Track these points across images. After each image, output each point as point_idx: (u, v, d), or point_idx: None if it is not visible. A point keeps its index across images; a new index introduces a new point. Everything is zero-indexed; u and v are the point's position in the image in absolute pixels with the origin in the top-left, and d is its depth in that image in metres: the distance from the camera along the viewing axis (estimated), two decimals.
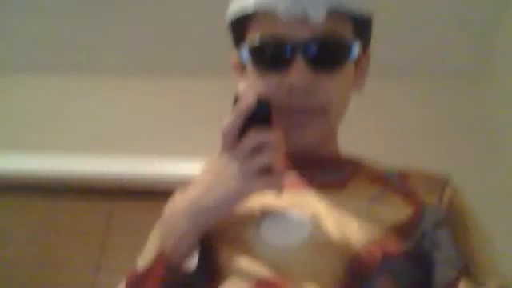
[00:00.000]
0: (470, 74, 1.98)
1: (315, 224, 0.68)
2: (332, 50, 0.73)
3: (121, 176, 1.94)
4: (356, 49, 0.75)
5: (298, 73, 0.71)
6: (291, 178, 0.76)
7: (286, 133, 0.74)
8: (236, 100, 0.65)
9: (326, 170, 0.77)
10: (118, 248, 1.87)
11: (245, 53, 0.76)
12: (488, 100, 1.92)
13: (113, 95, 2.17)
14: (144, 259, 0.75)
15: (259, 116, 0.65)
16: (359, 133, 1.64)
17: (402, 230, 0.68)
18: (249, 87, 0.78)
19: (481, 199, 0.82)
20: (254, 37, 0.75)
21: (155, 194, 1.77)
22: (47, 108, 2.16)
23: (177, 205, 0.68)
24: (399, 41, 1.85)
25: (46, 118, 2.14)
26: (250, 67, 0.77)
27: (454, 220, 0.72)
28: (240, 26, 0.78)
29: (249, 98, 0.64)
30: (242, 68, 0.82)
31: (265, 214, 0.70)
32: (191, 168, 1.77)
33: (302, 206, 0.71)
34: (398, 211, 0.70)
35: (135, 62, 2.14)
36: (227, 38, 0.84)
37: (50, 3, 1.92)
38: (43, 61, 2.17)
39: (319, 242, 0.66)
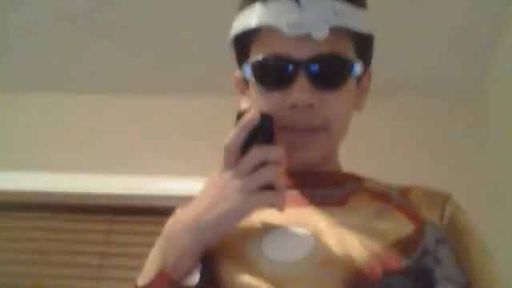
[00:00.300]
0: (465, 93, 1.99)
1: (316, 240, 0.68)
2: (334, 68, 0.74)
3: (120, 194, 1.95)
4: (358, 67, 0.76)
5: (301, 90, 0.72)
6: (292, 195, 0.75)
7: (288, 151, 0.75)
8: (239, 117, 0.66)
9: (326, 187, 0.77)
10: (117, 265, 1.87)
11: (248, 70, 0.77)
12: (484, 118, 1.94)
13: (112, 114, 2.18)
14: (145, 276, 0.74)
15: (261, 132, 0.65)
16: (355, 150, 1.65)
17: (404, 246, 0.68)
18: (251, 105, 0.78)
19: (478, 220, 0.83)
20: (256, 54, 0.76)
21: (154, 211, 1.78)
22: (46, 127, 2.17)
23: (179, 221, 0.68)
24: (395, 60, 1.87)
25: (45, 137, 2.14)
26: (252, 84, 0.78)
27: (455, 237, 0.72)
28: (243, 44, 0.79)
29: (252, 114, 0.65)
30: (244, 85, 0.83)
31: (266, 230, 0.70)
32: (189, 186, 1.74)
33: (303, 223, 0.71)
34: (399, 227, 0.70)
35: (136, 81, 2.15)
36: (227, 56, 0.85)
37: (48, 23, 1.93)
38: (43, 80, 2.18)
39: (320, 258, 0.66)
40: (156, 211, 1.73)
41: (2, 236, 1.98)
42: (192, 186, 0.85)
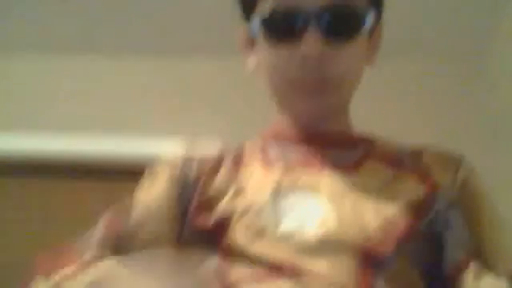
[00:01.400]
0: (473, 51, 1.96)
1: (331, 207, 0.67)
2: (345, 20, 0.72)
3: (120, 156, 1.92)
4: (370, 18, 0.73)
5: (311, 43, 0.69)
6: (304, 154, 0.75)
7: (298, 104, 0.73)
8: None
9: (338, 149, 0.76)
10: None
11: (255, 24, 0.74)
12: (491, 79, 1.91)
13: (113, 74, 2.12)
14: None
15: None
16: (361, 109, 1.63)
17: (417, 209, 0.68)
18: (258, 62, 0.77)
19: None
20: (265, 7, 0.73)
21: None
22: (40, 87, 2.11)
23: None
24: (401, 18, 1.83)
25: (41, 98, 2.09)
26: (260, 40, 0.75)
27: (467, 201, 0.71)
28: None
29: None
30: (250, 42, 0.80)
31: (281, 194, 0.69)
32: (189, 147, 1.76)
33: (316, 188, 0.70)
34: (412, 191, 0.70)
35: (129, 42, 2.09)
36: (221, 17, 0.81)
37: None
38: (33, 39, 2.11)
39: (335, 225, 0.66)
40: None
41: None
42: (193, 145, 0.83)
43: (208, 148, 0.80)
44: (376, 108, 1.83)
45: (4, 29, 2.09)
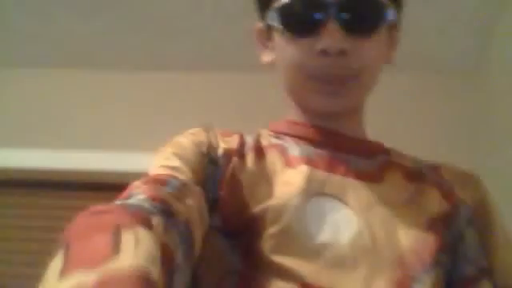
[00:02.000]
0: (467, 68, 1.98)
1: (362, 222, 0.65)
2: (367, 13, 0.69)
3: (123, 172, 1.87)
4: (390, 14, 0.71)
5: (331, 36, 0.67)
6: (326, 156, 0.71)
7: (316, 100, 0.71)
8: None
9: (357, 155, 0.73)
10: None
11: (272, 17, 0.72)
12: (485, 94, 1.93)
13: (116, 90, 2.12)
14: None
15: None
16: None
17: (443, 224, 0.68)
18: (275, 57, 0.74)
19: None
20: (282, 0, 0.70)
21: None
22: (44, 105, 2.10)
23: None
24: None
25: (45, 115, 2.08)
26: (277, 32, 0.73)
27: (482, 220, 0.72)
28: None
29: None
30: (266, 36, 0.77)
31: (309, 198, 0.65)
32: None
33: (343, 196, 0.67)
34: (436, 206, 0.70)
35: (127, 57, 2.08)
36: (215, 32, 0.78)
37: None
38: (25, 55, 2.10)
39: (367, 242, 0.63)
40: None
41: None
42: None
43: (227, 132, 0.74)
44: (377, 122, 1.82)
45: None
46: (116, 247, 0.43)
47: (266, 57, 0.78)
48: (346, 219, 0.64)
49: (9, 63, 2.13)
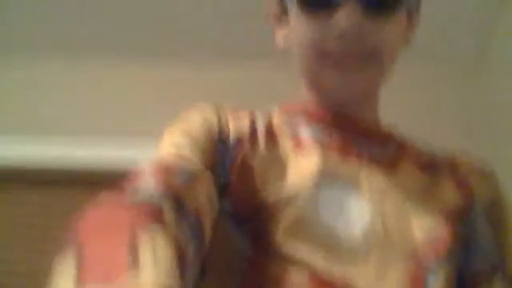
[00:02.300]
0: (470, 59, 1.97)
1: (375, 211, 0.63)
2: None
3: (122, 162, 1.78)
4: None
5: (350, 16, 0.64)
6: (339, 139, 0.69)
7: (333, 77, 0.68)
8: None
9: (371, 141, 0.71)
10: None
11: None
12: (488, 86, 1.91)
13: (113, 79, 2.07)
14: None
15: None
16: None
17: (458, 216, 0.67)
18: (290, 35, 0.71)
19: None
20: None
21: None
22: (33, 93, 2.05)
23: None
24: None
25: (34, 103, 2.03)
26: (294, 11, 0.70)
27: (496, 216, 0.71)
28: None
29: None
30: (281, 17, 0.74)
31: (322, 183, 0.63)
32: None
33: (356, 182, 0.65)
34: (450, 199, 0.69)
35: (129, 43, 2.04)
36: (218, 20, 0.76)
37: None
38: (25, 41, 2.05)
39: (380, 233, 0.62)
40: None
41: None
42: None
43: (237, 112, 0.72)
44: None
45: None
46: (134, 258, 0.42)
47: (281, 36, 0.75)
48: (359, 208, 0.63)
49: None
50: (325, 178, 0.64)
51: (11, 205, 1.90)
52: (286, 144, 0.68)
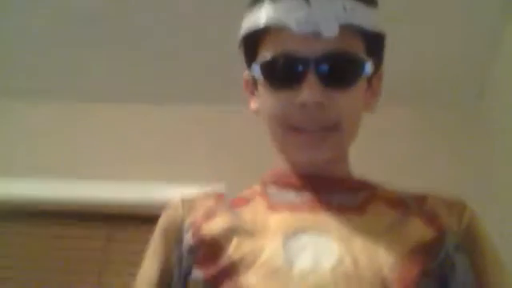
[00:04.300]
0: (468, 101, 1.99)
1: (342, 248, 0.67)
2: (344, 67, 0.72)
3: (119, 201, 1.93)
4: (368, 67, 0.74)
5: (310, 89, 0.69)
6: (308, 198, 0.74)
7: (297, 152, 0.73)
8: None
9: (341, 193, 0.75)
10: (117, 272, 1.85)
11: (256, 70, 0.75)
12: (487, 126, 1.94)
13: (111, 122, 2.16)
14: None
15: None
16: (360, 157, 1.63)
17: (427, 252, 0.69)
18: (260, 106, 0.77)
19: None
20: (265, 53, 0.74)
21: (153, 219, 1.73)
22: (47, 135, 2.15)
23: None
24: (400, 69, 1.85)
25: (45, 145, 2.12)
26: (261, 84, 0.76)
27: (471, 245, 0.72)
28: (252, 43, 0.77)
29: None
30: (253, 86, 0.81)
31: (287, 236, 0.68)
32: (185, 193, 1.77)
33: (325, 229, 0.69)
34: (420, 233, 0.70)
35: (136, 90, 2.13)
36: (227, 66, 0.82)
37: (51, 30, 1.91)
38: (45, 87, 2.16)
39: (349, 268, 0.65)
40: (155, 218, 1.71)
41: (2, 242, 1.96)
42: (189, 193, 0.83)
43: (203, 196, 0.80)
44: (373, 155, 1.84)
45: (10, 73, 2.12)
46: None
47: (253, 104, 0.81)
48: (327, 247, 0.67)
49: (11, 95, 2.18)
50: (293, 231, 0.68)
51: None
52: (257, 209, 0.74)
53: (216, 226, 0.72)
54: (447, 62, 1.89)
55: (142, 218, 1.87)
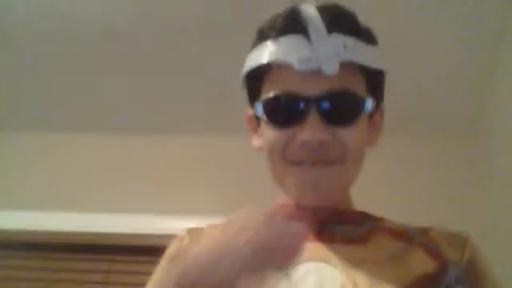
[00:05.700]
0: (465, 130, 2.00)
1: (345, 278, 0.67)
2: (345, 105, 0.74)
3: (118, 234, 1.93)
4: (369, 104, 0.75)
5: (312, 127, 0.71)
6: (311, 231, 0.75)
7: (301, 188, 0.74)
8: None
9: (345, 225, 0.76)
10: None
11: (259, 108, 0.76)
12: (484, 154, 1.94)
13: (110, 153, 2.16)
14: None
15: None
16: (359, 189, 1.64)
17: (429, 283, 0.69)
18: (262, 143, 0.78)
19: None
20: (268, 92, 0.76)
21: (152, 250, 1.73)
22: (44, 167, 2.15)
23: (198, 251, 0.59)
24: (396, 99, 1.87)
25: (43, 177, 2.13)
26: (263, 122, 0.78)
27: (473, 278, 0.72)
28: (255, 81, 0.79)
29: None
30: (255, 123, 0.82)
31: (294, 269, 0.68)
32: (185, 225, 1.76)
33: (328, 260, 0.70)
34: (422, 265, 0.71)
35: (137, 121, 2.14)
36: (232, 96, 0.83)
37: (56, 59, 1.94)
38: (42, 118, 2.17)
39: None
40: (155, 250, 1.70)
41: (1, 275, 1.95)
42: (192, 225, 0.84)
43: (209, 227, 0.80)
44: (374, 188, 1.84)
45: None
46: None
47: (256, 142, 0.82)
48: (330, 275, 0.68)
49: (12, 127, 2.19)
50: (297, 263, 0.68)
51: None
52: None
53: None
54: (442, 92, 1.90)
55: (141, 249, 1.88)
